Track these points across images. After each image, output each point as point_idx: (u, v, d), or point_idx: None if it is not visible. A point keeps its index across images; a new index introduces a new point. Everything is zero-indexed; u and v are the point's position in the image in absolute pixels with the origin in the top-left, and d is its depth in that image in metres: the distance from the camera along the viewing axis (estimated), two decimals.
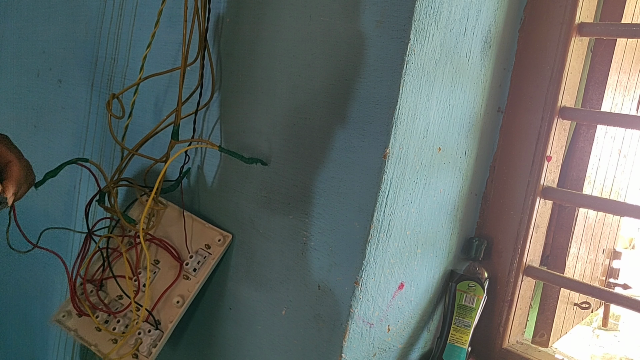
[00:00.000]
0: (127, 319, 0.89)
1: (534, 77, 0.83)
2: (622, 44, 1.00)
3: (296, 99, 0.79)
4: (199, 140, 0.93)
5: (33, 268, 1.37)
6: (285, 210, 0.80)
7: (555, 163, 0.85)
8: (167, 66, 0.97)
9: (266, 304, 0.83)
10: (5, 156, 0.67)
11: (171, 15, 0.99)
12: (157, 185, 0.84)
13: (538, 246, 0.88)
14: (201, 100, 0.92)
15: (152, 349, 0.85)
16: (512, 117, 0.85)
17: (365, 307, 0.74)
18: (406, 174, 0.73)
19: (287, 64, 0.80)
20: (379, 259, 0.73)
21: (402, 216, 0.74)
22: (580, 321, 1.20)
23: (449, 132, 0.77)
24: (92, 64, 1.21)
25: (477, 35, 0.76)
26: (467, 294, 0.83)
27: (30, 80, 1.42)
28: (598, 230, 1.19)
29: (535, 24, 0.83)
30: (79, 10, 1.25)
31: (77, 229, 1.22)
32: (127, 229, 0.94)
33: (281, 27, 0.82)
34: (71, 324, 0.93)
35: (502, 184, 0.86)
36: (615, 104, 1.04)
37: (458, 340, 0.83)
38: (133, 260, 0.92)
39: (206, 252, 0.88)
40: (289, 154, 0.80)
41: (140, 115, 1.05)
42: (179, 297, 0.87)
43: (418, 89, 0.70)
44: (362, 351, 0.76)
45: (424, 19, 0.68)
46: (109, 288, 0.94)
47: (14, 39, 1.49)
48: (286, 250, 0.80)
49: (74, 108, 1.26)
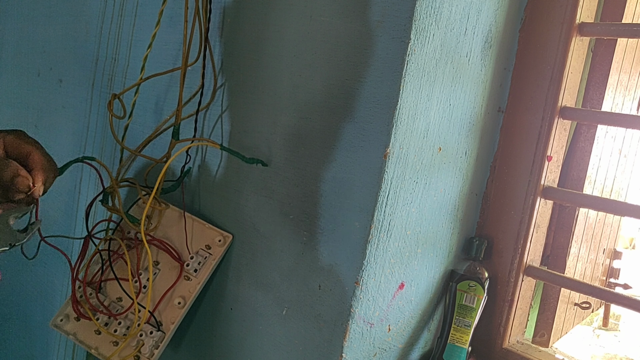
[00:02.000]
0: (128, 320, 0.89)
1: (534, 77, 0.83)
2: (622, 43, 1.00)
3: (297, 98, 0.79)
4: (200, 139, 0.93)
5: (33, 269, 1.37)
6: (286, 210, 0.80)
7: (555, 163, 0.85)
8: (168, 66, 0.97)
9: (267, 304, 0.83)
10: (23, 147, 0.65)
11: (172, 15, 0.99)
12: (157, 185, 0.84)
13: (538, 246, 0.88)
14: (202, 100, 0.92)
15: (154, 351, 0.85)
16: (513, 117, 0.85)
17: (365, 307, 0.74)
18: (406, 174, 0.73)
19: (288, 63, 0.80)
20: (379, 259, 0.73)
21: (403, 216, 0.74)
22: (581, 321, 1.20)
23: (449, 132, 0.77)
24: (92, 63, 1.21)
25: (477, 35, 0.76)
26: (468, 294, 0.83)
27: (30, 79, 1.42)
28: (598, 230, 1.19)
29: (535, 23, 0.83)
30: (80, 9, 1.25)
31: (77, 229, 1.22)
32: (127, 230, 0.94)
33: (282, 27, 0.82)
34: (69, 328, 0.92)
35: (503, 183, 0.86)
36: (616, 104, 1.04)
37: (458, 340, 0.83)
38: (133, 262, 0.92)
39: (207, 253, 0.88)
40: (289, 154, 0.80)
41: (141, 115, 1.05)
42: (180, 298, 0.87)
43: (418, 88, 0.70)
44: (362, 351, 0.76)
45: (424, 18, 0.68)
46: (109, 290, 0.93)
47: (15, 39, 1.49)
48: (286, 250, 0.80)
49: (75, 107, 1.26)
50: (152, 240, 0.91)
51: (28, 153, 0.65)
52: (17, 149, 0.66)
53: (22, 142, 0.66)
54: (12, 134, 0.67)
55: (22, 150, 0.65)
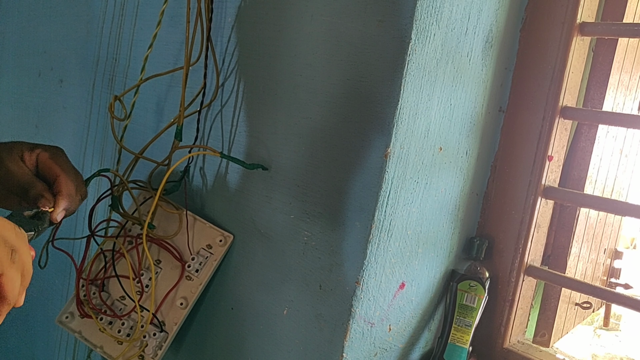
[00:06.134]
0: (131, 320, 0.89)
1: (535, 77, 0.83)
2: (623, 43, 0.99)
3: (297, 98, 0.79)
4: (200, 146, 0.93)
5: (34, 269, 1.37)
6: (286, 210, 0.80)
7: (556, 163, 0.85)
8: (169, 66, 0.97)
9: (268, 304, 0.83)
10: (54, 169, 0.66)
11: (173, 15, 0.99)
12: (161, 187, 0.84)
13: (539, 246, 0.88)
14: (204, 100, 0.92)
15: (158, 351, 0.85)
16: (514, 117, 0.85)
17: (366, 307, 0.74)
18: (407, 174, 0.73)
19: (288, 63, 0.80)
20: (380, 259, 0.73)
21: (403, 216, 0.74)
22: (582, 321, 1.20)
23: (450, 132, 0.77)
24: (93, 63, 1.21)
25: (478, 34, 0.76)
26: (468, 294, 0.83)
27: (31, 80, 1.42)
28: (599, 230, 1.19)
29: (536, 23, 0.83)
30: (81, 9, 1.25)
31: (78, 229, 1.22)
32: (129, 229, 0.94)
33: (282, 27, 0.82)
34: (75, 326, 0.93)
35: (504, 183, 0.86)
36: (617, 104, 1.03)
37: (459, 340, 0.83)
38: (135, 262, 0.92)
39: (208, 253, 0.88)
40: (290, 154, 0.80)
41: (141, 115, 1.05)
42: (182, 299, 0.87)
43: (419, 88, 0.70)
44: (363, 351, 0.76)
45: (425, 18, 0.68)
46: (111, 289, 0.94)
47: (15, 39, 1.49)
48: (287, 250, 0.80)
49: (76, 108, 1.26)
50: (153, 240, 0.91)
51: (56, 176, 0.66)
52: (48, 169, 0.66)
53: (54, 163, 0.66)
54: (49, 152, 0.67)
55: (52, 171, 0.66)
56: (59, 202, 0.64)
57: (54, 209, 0.63)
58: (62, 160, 0.67)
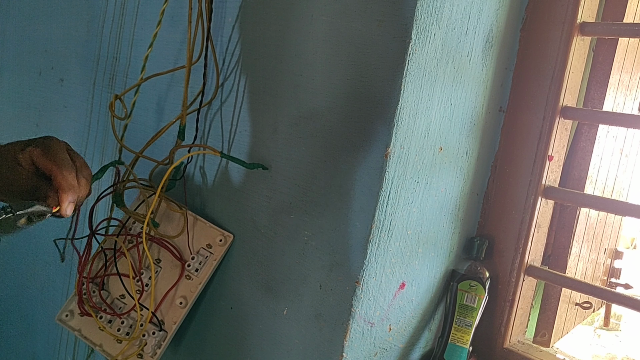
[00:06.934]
0: (130, 319, 0.89)
1: (535, 77, 0.82)
2: (624, 43, 0.99)
3: (298, 98, 0.79)
4: (200, 145, 0.93)
5: (34, 267, 1.37)
6: (287, 210, 0.80)
7: (556, 162, 0.85)
8: (169, 66, 0.97)
9: (267, 304, 0.83)
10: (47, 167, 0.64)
11: (173, 14, 0.99)
12: (161, 185, 0.84)
13: (539, 246, 0.88)
14: (204, 100, 0.92)
15: (157, 350, 0.86)
16: (514, 117, 0.85)
17: (366, 307, 0.74)
18: (407, 174, 0.73)
19: (289, 63, 0.80)
20: (380, 259, 0.73)
21: (404, 216, 0.74)
22: (582, 321, 1.20)
23: (450, 132, 0.77)
24: (94, 62, 1.21)
25: (478, 34, 0.76)
26: (469, 294, 0.83)
27: (32, 79, 1.42)
28: (600, 230, 1.19)
29: (537, 23, 0.82)
30: (81, 8, 1.25)
31: (79, 229, 1.22)
32: (129, 228, 0.94)
33: (283, 27, 0.82)
34: (74, 324, 0.93)
35: (504, 183, 0.86)
36: (617, 104, 1.03)
37: (459, 340, 0.83)
38: (135, 260, 0.92)
39: (208, 252, 0.88)
40: (290, 153, 0.80)
41: (142, 114, 1.05)
42: (182, 298, 0.87)
43: (419, 88, 0.70)
44: (363, 351, 0.76)
45: (425, 18, 0.68)
46: (111, 287, 0.94)
47: (16, 38, 1.49)
48: (287, 250, 0.80)
49: (76, 107, 1.26)
50: (153, 239, 0.91)
51: (51, 172, 0.64)
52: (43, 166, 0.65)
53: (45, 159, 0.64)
54: (39, 147, 0.65)
55: (46, 168, 0.64)
56: (61, 198, 0.63)
57: (59, 206, 0.63)
58: (53, 153, 0.65)
